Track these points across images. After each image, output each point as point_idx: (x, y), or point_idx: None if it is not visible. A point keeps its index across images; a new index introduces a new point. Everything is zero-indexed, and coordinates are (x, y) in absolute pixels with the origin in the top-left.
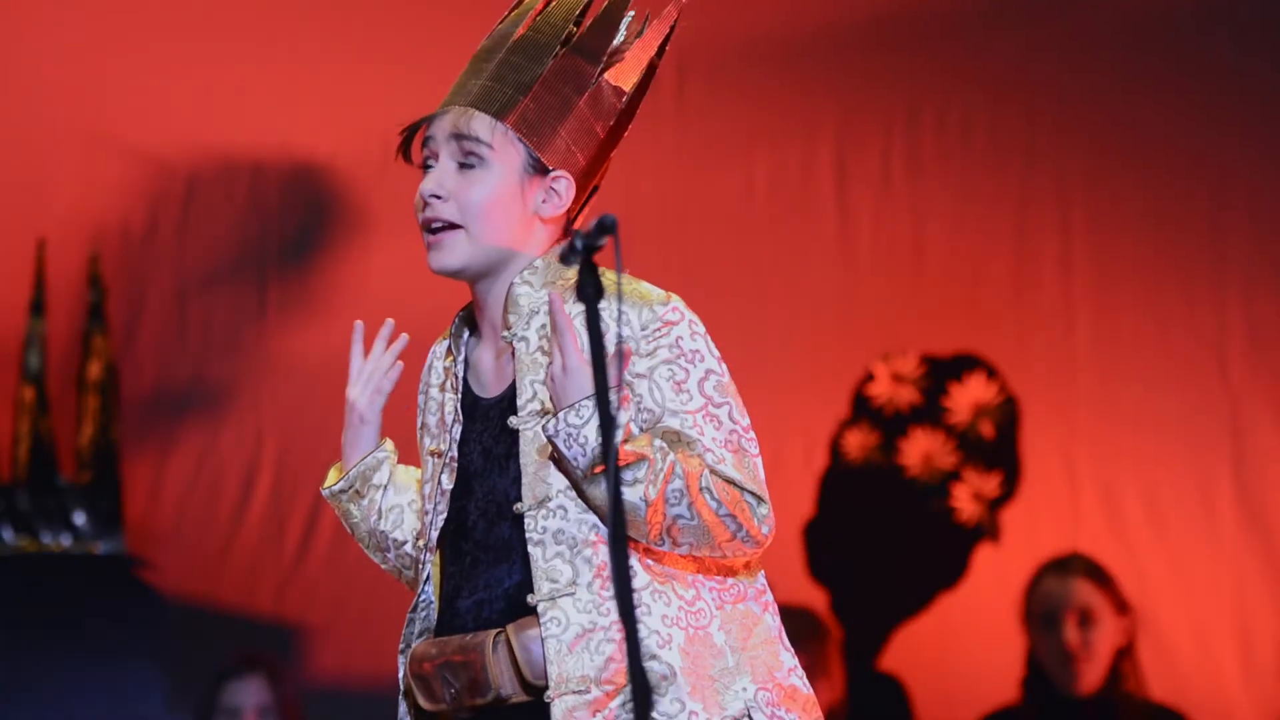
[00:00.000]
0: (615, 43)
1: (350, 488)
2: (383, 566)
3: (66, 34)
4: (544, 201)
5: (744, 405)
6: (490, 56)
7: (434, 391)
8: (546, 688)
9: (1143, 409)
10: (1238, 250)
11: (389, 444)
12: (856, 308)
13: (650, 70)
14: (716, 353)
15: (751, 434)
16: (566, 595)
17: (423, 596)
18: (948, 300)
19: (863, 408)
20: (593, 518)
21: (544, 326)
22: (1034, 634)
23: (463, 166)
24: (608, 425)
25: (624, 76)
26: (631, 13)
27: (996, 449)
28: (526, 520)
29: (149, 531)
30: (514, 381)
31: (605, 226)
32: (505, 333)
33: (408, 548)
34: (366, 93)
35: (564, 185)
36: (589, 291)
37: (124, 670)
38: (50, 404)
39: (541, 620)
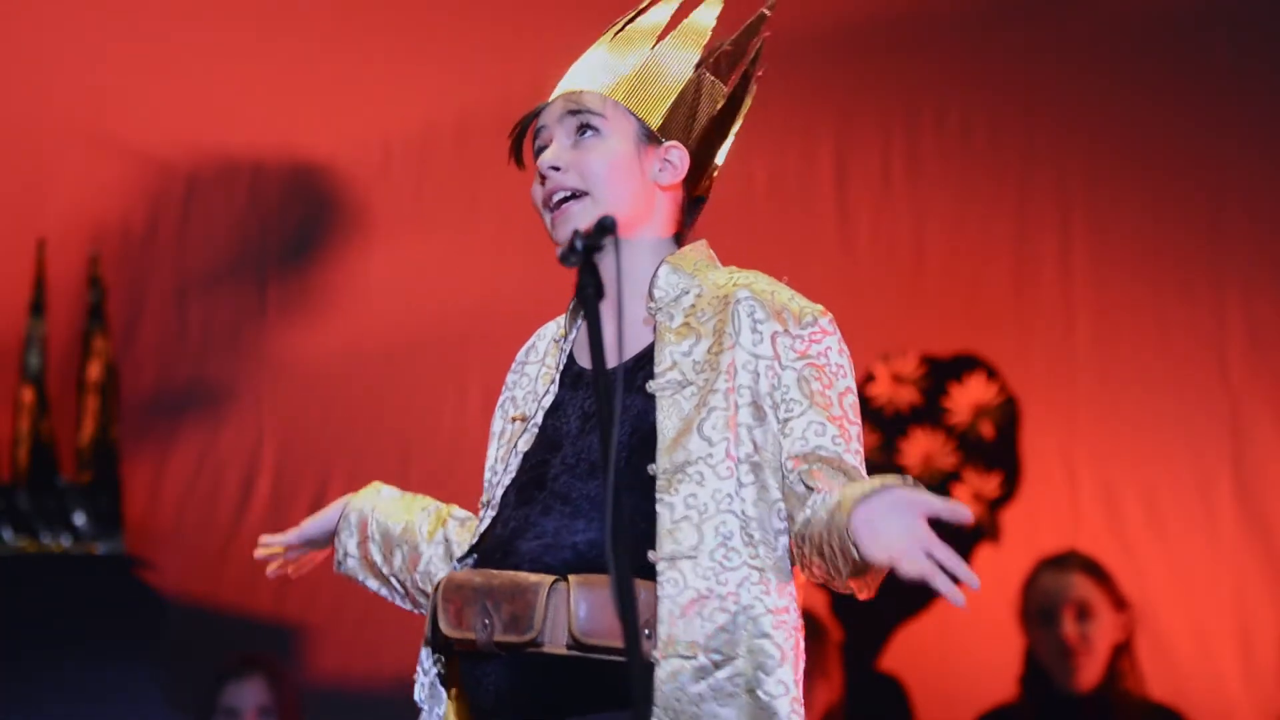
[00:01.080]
0: (705, 40)
1: (349, 559)
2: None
3: (67, 34)
4: (660, 170)
5: None
6: (588, 58)
7: (529, 368)
8: (589, 647)
9: (1142, 409)
10: (1237, 250)
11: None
12: (856, 308)
13: (746, 78)
14: (854, 374)
15: (865, 461)
16: (688, 558)
17: (472, 546)
18: (947, 301)
19: (863, 408)
20: (727, 486)
21: (691, 307)
22: (1032, 630)
23: (578, 139)
24: (607, 426)
25: (722, 72)
26: (714, 11)
27: (996, 449)
28: (659, 481)
29: (149, 532)
30: (642, 351)
31: (605, 227)
32: (651, 304)
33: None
34: (367, 93)
35: (677, 155)
36: (589, 291)
37: (124, 671)
38: (50, 404)
39: (660, 579)
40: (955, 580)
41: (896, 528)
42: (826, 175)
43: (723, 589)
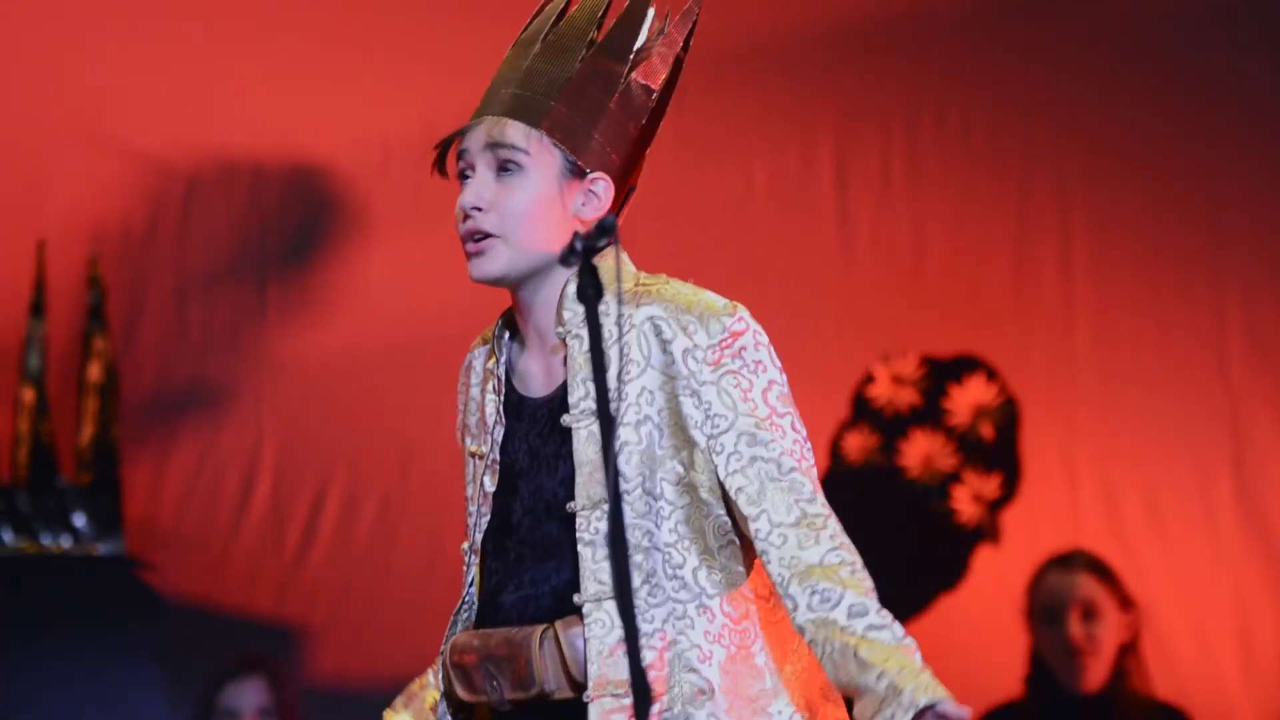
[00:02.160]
0: (640, 42)
1: None
2: None
3: (66, 34)
4: (583, 204)
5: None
6: (517, 64)
7: (474, 391)
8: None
9: (1142, 410)
10: (1237, 250)
11: None
12: (856, 309)
13: (677, 65)
14: (778, 363)
15: (808, 442)
16: (613, 598)
17: (466, 597)
18: (947, 301)
19: (862, 409)
20: (646, 523)
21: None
22: (1037, 630)
23: (500, 175)
24: (607, 427)
25: (652, 74)
26: (652, 10)
27: (996, 450)
28: (579, 520)
29: (149, 532)
30: (565, 380)
31: (605, 228)
32: (559, 329)
33: None
34: (367, 93)
35: (602, 187)
36: (589, 293)
37: (124, 671)
38: (50, 405)
39: (585, 621)
40: None
41: None
42: (826, 176)
43: (649, 625)
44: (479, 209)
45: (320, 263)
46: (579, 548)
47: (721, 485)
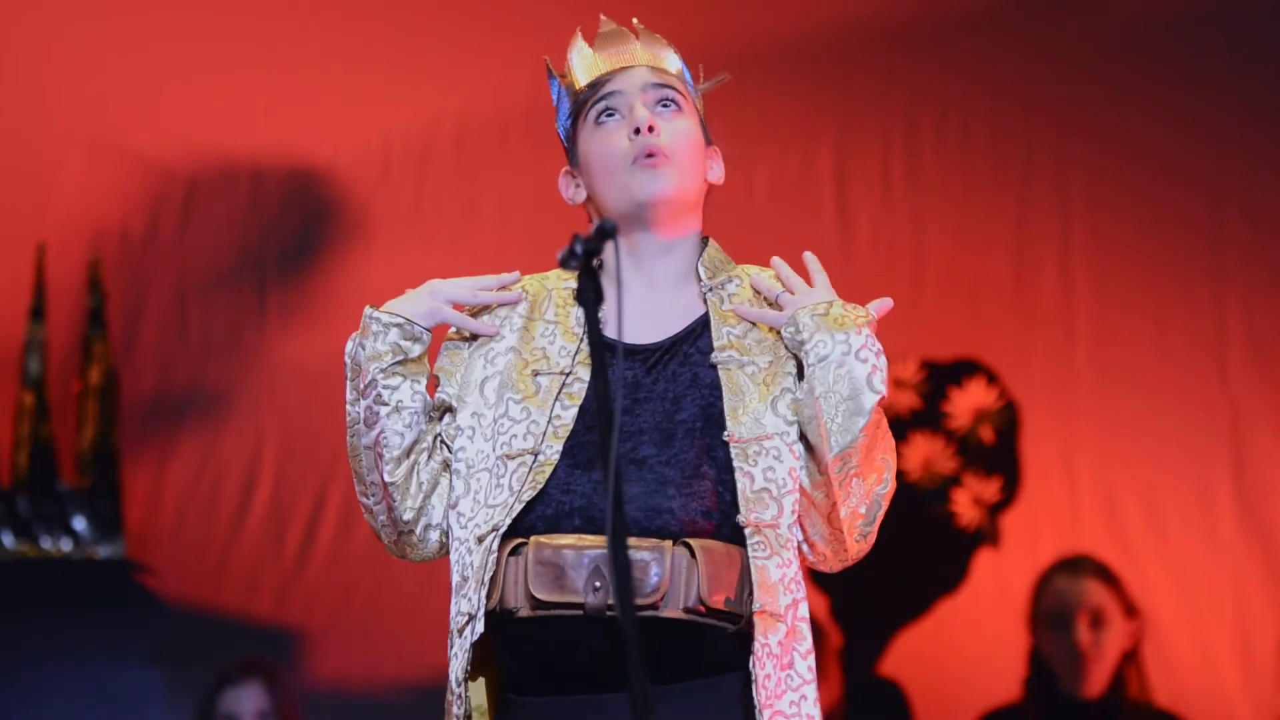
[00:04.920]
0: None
1: (404, 350)
2: (366, 489)
3: (67, 38)
4: (711, 169)
5: None
6: (630, 39)
7: (534, 324)
8: (707, 612)
9: (1142, 413)
10: (1237, 255)
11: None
12: None
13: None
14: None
15: None
16: (770, 528)
17: (542, 502)
18: (947, 305)
19: None
20: (796, 466)
21: (733, 296)
22: (1042, 634)
23: (660, 109)
24: (607, 429)
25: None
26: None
27: (996, 454)
28: (734, 449)
29: (149, 536)
30: (694, 324)
31: (605, 231)
32: (704, 281)
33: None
34: (367, 97)
35: (719, 163)
36: (589, 295)
37: (124, 675)
38: (50, 409)
39: (749, 542)
40: None
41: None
42: (826, 180)
43: (795, 562)
44: (653, 129)
45: (320, 266)
46: (737, 476)
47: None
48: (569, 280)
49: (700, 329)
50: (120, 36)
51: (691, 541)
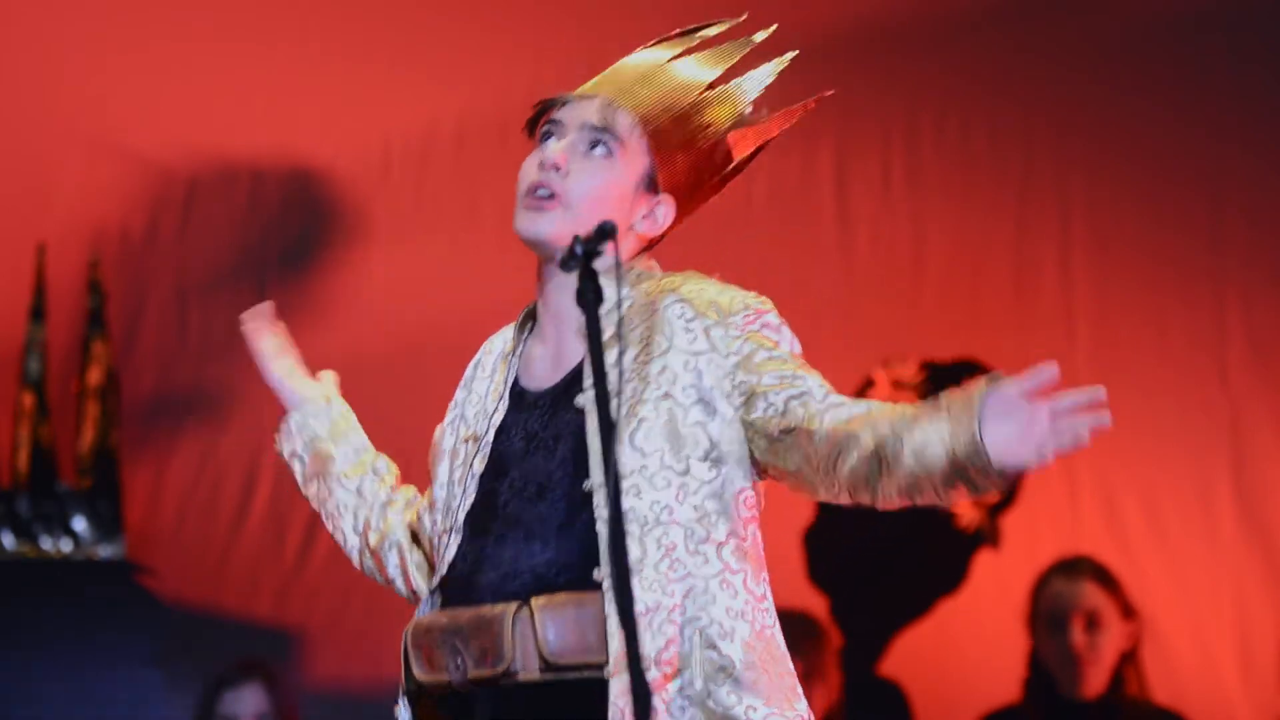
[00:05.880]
0: (745, 110)
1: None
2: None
3: (67, 38)
4: (644, 219)
5: None
6: (641, 68)
7: (477, 384)
8: (562, 667)
9: (1142, 414)
10: (1237, 255)
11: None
12: (857, 314)
13: (755, 153)
14: (798, 346)
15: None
16: (633, 571)
17: (435, 581)
18: (948, 306)
19: None
20: (666, 498)
21: (620, 319)
22: (1039, 635)
23: (590, 153)
24: (607, 431)
25: (739, 146)
26: (765, 83)
27: None
28: (595, 497)
29: (149, 537)
30: (575, 367)
31: (606, 232)
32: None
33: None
34: (367, 98)
35: (663, 211)
36: (589, 297)
37: (124, 676)
38: (50, 409)
39: (606, 597)
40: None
41: (1017, 427)
42: (827, 180)
43: (669, 600)
44: (558, 167)
45: (320, 267)
46: (596, 525)
47: (759, 398)
48: (509, 331)
49: (579, 368)
50: (120, 36)
51: (535, 601)
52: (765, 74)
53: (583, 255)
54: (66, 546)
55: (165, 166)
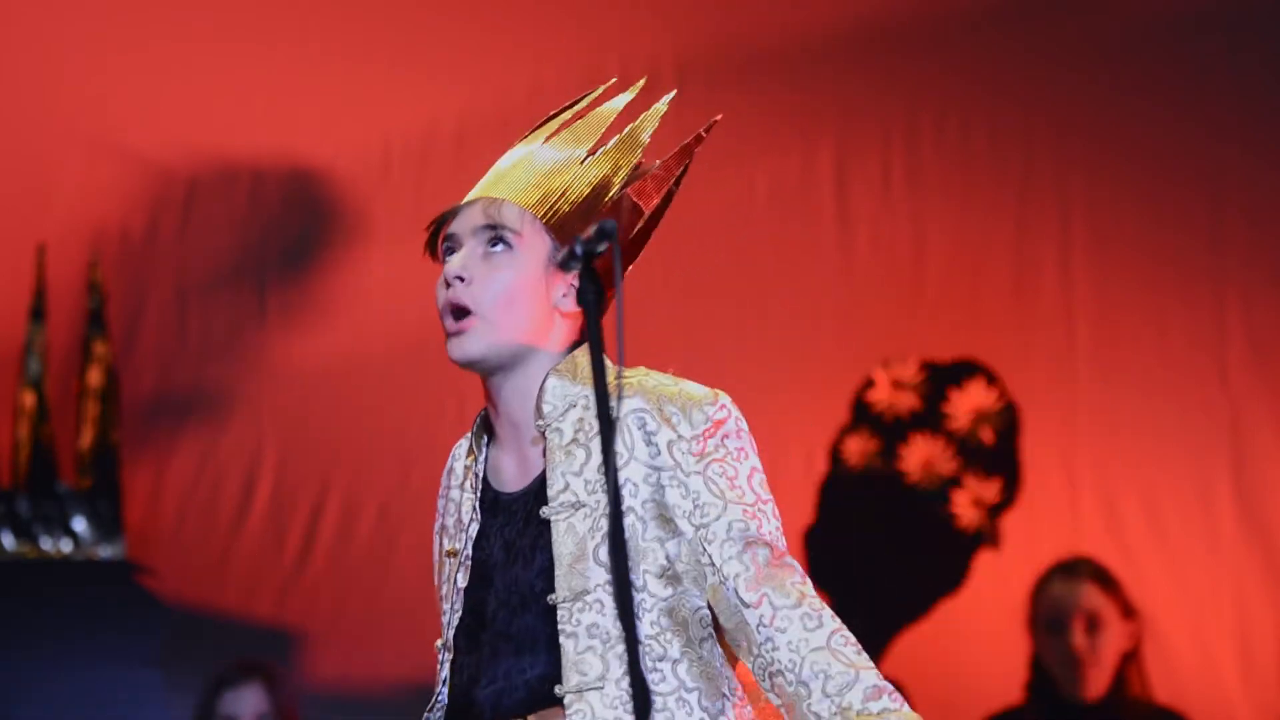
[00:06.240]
0: (637, 160)
1: None
2: None
3: (67, 38)
4: (564, 296)
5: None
6: (520, 151)
7: (453, 493)
8: None
9: (1142, 414)
10: (1237, 255)
11: None
12: (857, 314)
13: (668, 198)
14: (755, 447)
15: (779, 520)
16: (594, 689)
17: (439, 696)
18: (948, 306)
19: (863, 414)
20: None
21: (580, 420)
22: (1039, 638)
23: (489, 253)
24: (607, 434)
25: (645, 196)
26: (648, 132)
27: (996, 455)
28: (560, 612)
29: (149, 537)
30: (543, 473)
31: (605, 232)
32: (539, 421)
33: None
34: (367, 98)
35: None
36: (589, 297)
37: (124, 676)
38: (50, 409)
39: (567, 713)
40: None
41: None
42: (826, 181)
43: (629, 718)
44: (461, 279)
45: (320, 267)
46: (561, 640)
47: (710, 574)
48: (466, 442)
49: (543, 477)
50: (120, 36)
51: (531, 719)
52: (650, 120)
53: (583, 255)
54: (66, 546)
55: (165, 166)
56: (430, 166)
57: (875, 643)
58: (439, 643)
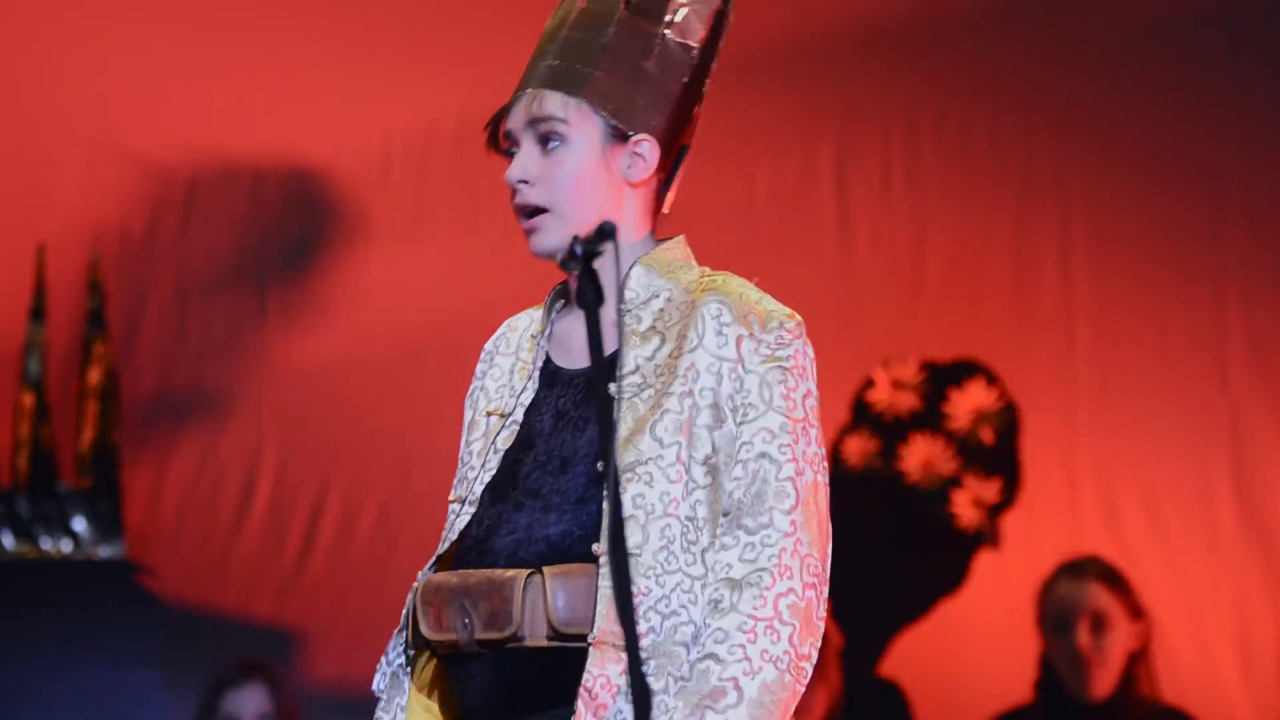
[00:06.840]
0: (667, 9)
1: None
2: None
3: (67, 38)
4: (629, 166)
5: None
6: (554, 37)
7: (499, 360)
8: (570, 636)
9: (1143, 414)
10: (1237, 255)
11: None
12: (857, 314)
13: (718, 20)
14: (815, 377)
15: (823, 462)
16: (632, 556)
17: (448, 543)
18: (948, 306)
19: (863, 414)
20: (675, 490)
21: (660, 311)
22: (1047, 637)
23: (545, 147)
24: (608, 432)
25: (690, 32)
26: None
27: (996, 455)
28: (607, 480)
29: (149, 537)
30: (614, 353)
31: (605, 232)
32: (622, 305)
33: None
34: (367, 99)
35: (647, 148)
36: (588, 297)
37: (124, 676)
38: (50, 410)
39: (601, 572)
40: None
41: None
42: (827, 181)
43: (660, 591)
44: (525, 182)
45: (320, 267)
46: (604, 503)
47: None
48: (538, 314)
49: (615, 356)
50: (120, 36)
51: (548, 569)
52: None
53: (582, 255)
54: (66, 546)
55: (165, 166)
56: (430, 166)
57: (876, 641)
58: (455, 495)
